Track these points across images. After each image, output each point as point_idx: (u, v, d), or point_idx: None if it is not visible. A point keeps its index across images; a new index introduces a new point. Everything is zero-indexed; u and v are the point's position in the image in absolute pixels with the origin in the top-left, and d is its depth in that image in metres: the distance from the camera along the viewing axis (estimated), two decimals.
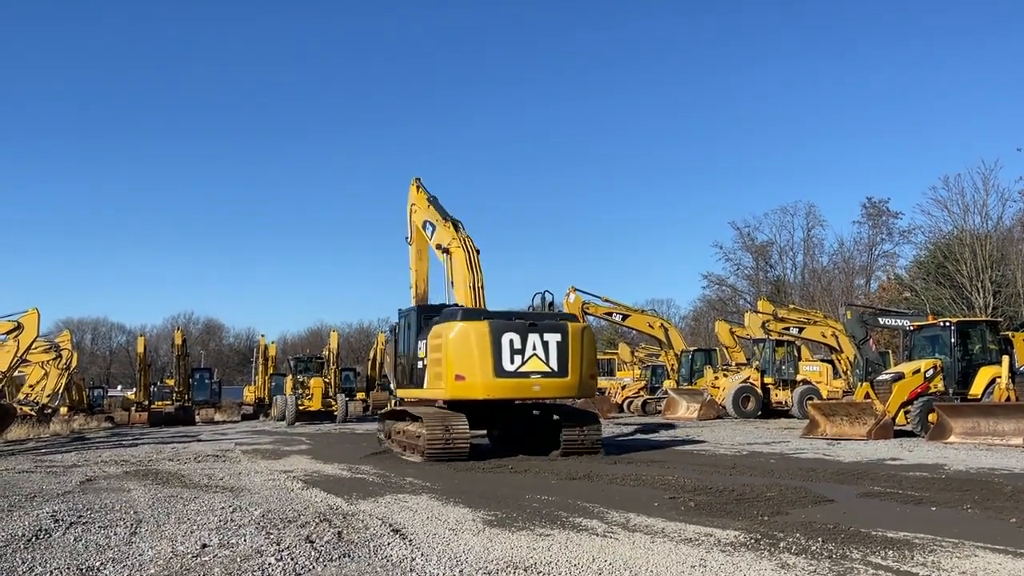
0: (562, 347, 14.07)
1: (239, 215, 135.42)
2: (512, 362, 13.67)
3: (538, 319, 14.49)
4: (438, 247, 16.76)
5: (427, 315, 15.60)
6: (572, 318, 15.61)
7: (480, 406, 14.25)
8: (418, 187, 19.03)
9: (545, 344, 13.96)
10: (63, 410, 37.57)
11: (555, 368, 13.97)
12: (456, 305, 15.58)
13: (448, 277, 16.11)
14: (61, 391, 35.24)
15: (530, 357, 13.83)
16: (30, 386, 32.55)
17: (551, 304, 17.05)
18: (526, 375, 13.76)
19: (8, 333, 23.86)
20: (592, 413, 16.24)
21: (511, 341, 13.71)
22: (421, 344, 14.98)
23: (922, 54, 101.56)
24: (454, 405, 14.09)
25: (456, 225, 16.61)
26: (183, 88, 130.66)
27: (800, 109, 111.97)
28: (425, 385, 14.65)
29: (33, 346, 26.16)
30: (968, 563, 5.48)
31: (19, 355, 24.21)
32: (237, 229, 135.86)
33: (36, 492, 10.12)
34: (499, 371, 13.55)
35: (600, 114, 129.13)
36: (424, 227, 18.04)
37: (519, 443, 15.15)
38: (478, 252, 15.95)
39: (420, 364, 14.91)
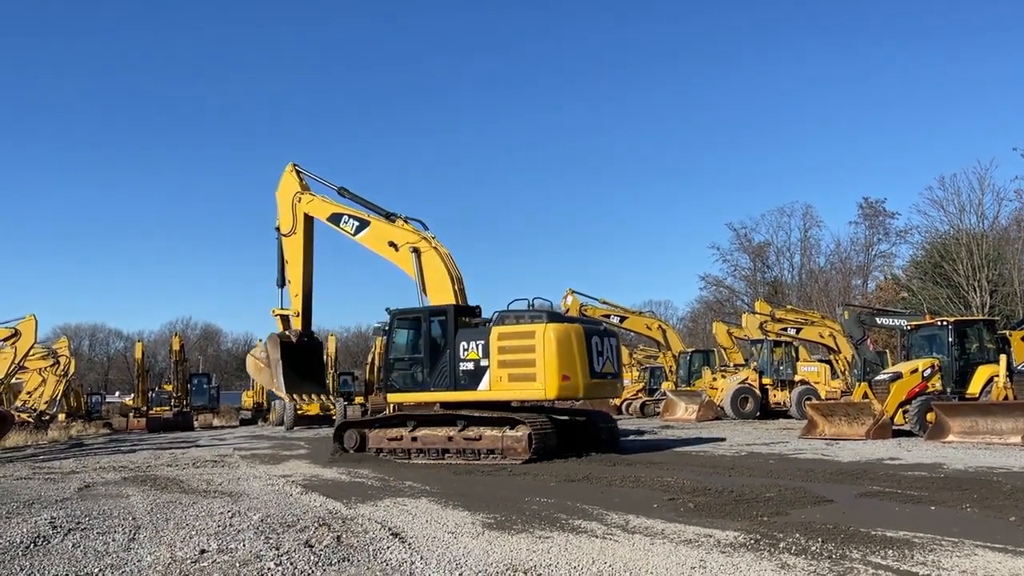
0: (617, 351, 15.45)
1: (236, 220, 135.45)
2: (598, 364, 14.52)
3: (600, 323, 15.62)
4: (390, 244, 16.11)
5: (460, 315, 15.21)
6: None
7: (503, 406, 14.58)
8: (298, 173, 18.00)
9: (611, 347, 15.10)
10: (61, 416, 37.45)
11: (616, 370, 15.26)
12: (466, 305, 15.58)
13: (418, 277, 15.60)
14: (59, 397, 35.19)
15: (607, 359, 14.81)
16: (28, 393, 32.53)
17: (566, 311, 17.35)
18: (604, 376, 14.74)
19: (5, 340, 23.87)
20: (608, 413, 17.72)
21: (596, 343, 14.54)
22: (474, 344, 14.47)
23: (918, 55, 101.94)
24: (500, 406, 14.34)
25: (408, 222, 16.25)
26: (179, 94, 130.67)
27: (796, 110, 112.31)
28: (484, 386, 14.31)
29: (31, 352, 26.18)
30: (968, 562, 5.48)
31: (17, 362, 24.25)
32: (235, 234, 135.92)
33: (34, 499, 10.09)
34: (592, 372, 14.32)
35: (596, 117, 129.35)
36: (338, 221, 17.00)
37: None
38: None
39: (471, 365, 14.46)
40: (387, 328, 15.86)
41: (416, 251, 15.76)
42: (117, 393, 73.36)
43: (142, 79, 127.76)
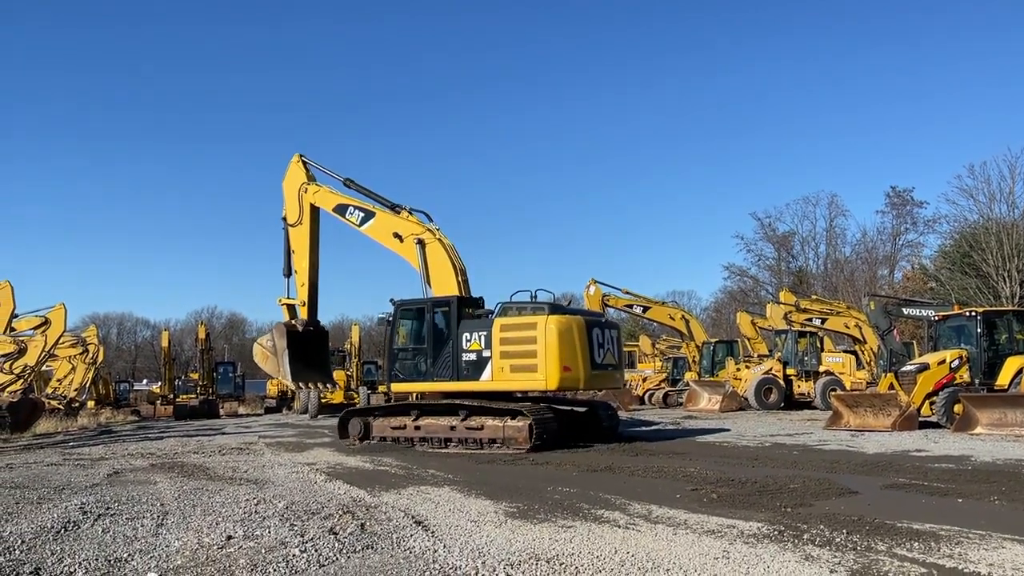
0: (618, 343, 15.46)
1: (262, 211, 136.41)
2: (599, 355, 14.67)
3: (601, 315, 15.65)
4: (395, 236, 16.25)
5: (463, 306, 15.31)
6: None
7: (507, 397, 14.71)
8: (305, 164, 18.18)
9: (611, 339, 15.19)
10: (90, 404, 37.97)
11: (616, 362, 15.31)
12: (470, 296, 15.72)
13: (422, 268, 15.75)
14: (88, 385, 35.61)
15: (607, 351, 14.95)
16: (58, 380, 32.96)
17: (570, 300, 17.31)
18: (605, 367, 14.87)
19: (36, 328, 24.23)
20: (608, 403, 17.97)
21: (597, 335, 14.68)
22: (476, 335, 14.65)
23: (947, 42, 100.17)
24: (503, 396, 14.47)
25: (413, 213, 16.36)
26: (201, 88, 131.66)
27: (822, 99, 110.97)
28: (486, 377, 14.47)
29: (60, 341, 26.51)
30: (995, 555, 5.42)
31: (47, 350, 24.56)
32: (260, 224, 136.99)
33: (64, 484, 10.25)
34: (593, 364, 14.47)
35: (620, 106, 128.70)
36: (344, 212, 17.17)
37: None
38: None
39: (473, 356, 14.63)
40: (391, 319, 16.06)
41: (420, 242, 15.90)
42: (144, 381, 74.29)
43: (163, 73, 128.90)
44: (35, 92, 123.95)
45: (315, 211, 17.86)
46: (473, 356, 14.65)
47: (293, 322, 17.78)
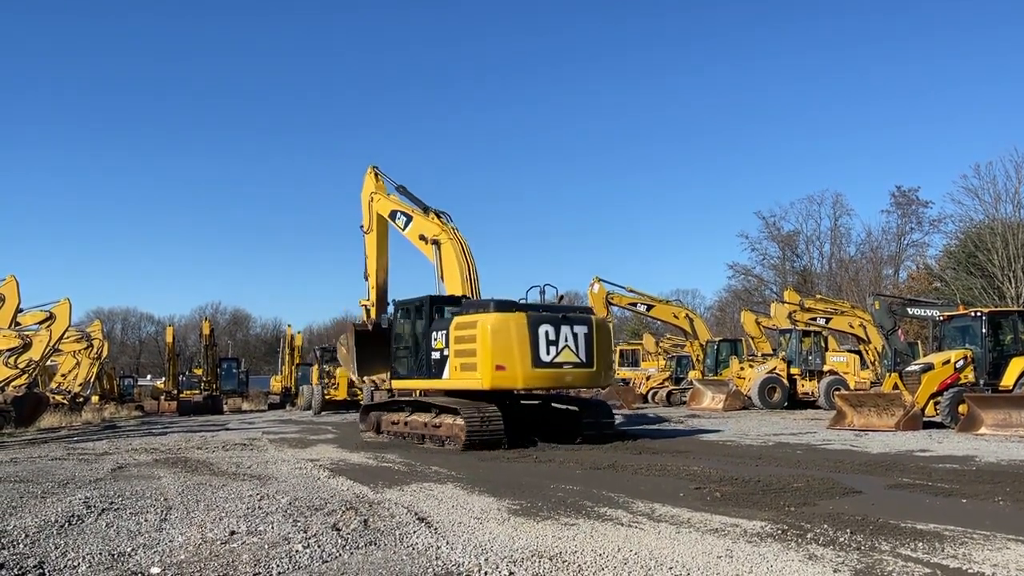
0: (588, 339, 14.62)
1: (266, 207, 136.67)
2: (548, 353, 14.09)
3: (568, 311, 14.97)
4: (420, 238, 17.18)
5: (438, 305, 15.58)
6: (591, 311, 16.07)
7: (504, 396, 14.57)
8: (376, 175, 19.63)
9: (575, 336, 14.45)
10: (94, 399, 38.11)
11: (583, 359, 14.51)
12: (450, 295, 16.02)
13: (437, 268, 16.51)
14: (92, 380, 35.71)
15: (563, 348, 14.28)
16: (62, 375, 33.03)
17: (561, 297, 17.22)
18: (559, 365, 14.23)
19: (41, 323, 24.26)
20: (604, 403, 17.47)
21: (546, 332, 14.13)
22: (440, 334, 14.77)
23: (953, 42, 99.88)
24: (485, 395, 14.27)
25: (440, 216, 17.14)
26: (207, 82, 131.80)
27: (827, 97, 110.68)
28: (446, 375, 14.56)
29: (65, 335, 26.54)
30: (1000, 555, 5.40)
31: (51, 344, 24.57)
32: (264, 221, 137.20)
33: (69, 479, 10.28)
34: (536, 361, 13.94)
35: (625, 103, 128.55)
36: (394, 217, 18.48)
37: (533, 433, 15.06)
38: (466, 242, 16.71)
39: (438, 355, 14.77)
40: (392, 318, 16.92)
41: (436, 243, 16.63)
42: (148, 376, 74.42)
43: (165, 64, 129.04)
44: (40, 81, 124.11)
45: (381, 219, 19.42)
46: (437, 355, 14.85)
47: (364, 321, 19.30)
